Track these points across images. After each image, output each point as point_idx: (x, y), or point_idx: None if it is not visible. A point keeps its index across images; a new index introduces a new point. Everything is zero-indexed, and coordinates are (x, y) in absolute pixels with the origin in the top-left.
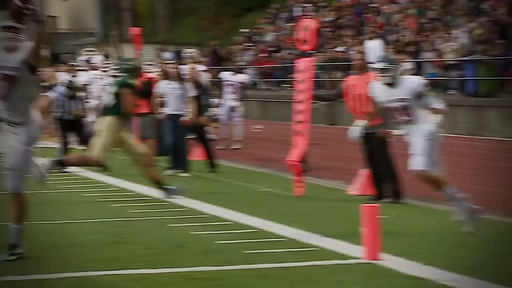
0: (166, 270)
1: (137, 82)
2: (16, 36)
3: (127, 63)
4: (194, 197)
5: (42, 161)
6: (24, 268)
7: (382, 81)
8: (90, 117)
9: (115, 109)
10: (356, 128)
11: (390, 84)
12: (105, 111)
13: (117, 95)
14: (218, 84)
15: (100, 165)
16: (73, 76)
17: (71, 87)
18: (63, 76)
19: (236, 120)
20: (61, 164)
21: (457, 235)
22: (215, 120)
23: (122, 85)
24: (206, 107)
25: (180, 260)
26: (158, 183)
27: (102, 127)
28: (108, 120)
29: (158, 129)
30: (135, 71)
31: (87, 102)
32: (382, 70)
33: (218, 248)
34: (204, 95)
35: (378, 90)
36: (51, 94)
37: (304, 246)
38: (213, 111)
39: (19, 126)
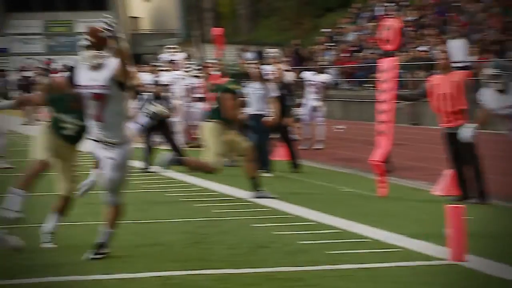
0: (248, 270)
1: (238, 87)
2: (99, 54)
3: (233, 68)
4: (280, 198)
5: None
6: (108, 267)
7: (494, 87)
8: (174, 118)
9: (216, 114)
10: (468, 129)
11: (501, 91)
12: (208, 115)
13: (219, 100)
14: (300, 84)
15: (215, 172)
16: (156, 76)
17: (156, 87)
18: (145, 77)
19: (318, 120)
20: (178, 162)
21: None
22: (297, 120)
23: (223, 90)
24: (290, 107)
25: (262, 260)
26: (254, 182)
27: (205, 134)
28: (210, 125)
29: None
30: (239, 76)
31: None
32: (493, 76)
33: (300, 249)
34: (289, 96)
35: (489, 96)
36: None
37: (388, 247)
38: (296, 111)
39: (115, 146)
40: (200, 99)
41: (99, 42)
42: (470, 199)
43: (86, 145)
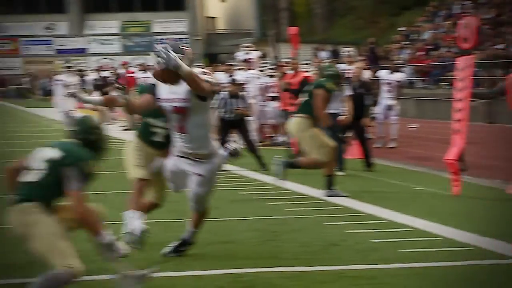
0: (320, 268)
1: (333, 86)
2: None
3: (330, 69)
4: (353, 196)
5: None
6: (180, 264)
7: None
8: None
9: (306, 108)
10: None
11: None
12: (297, 110)
13: (311, 95)
14: (375, 83)
15: (327, 165)
16: (231, 75)
17: (232, 86)
18: (220, 76)
19: (393, 119)
20: (291, 165)
21: None
22: (372, 119)
23: (318, 85)
24: (369, 106)
25: (334, 258)
26: (329, 180)
27: (295, 130)
28: (298, 121)
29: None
30: (336, 77)
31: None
32: None
33: (372, 247)
34: (367, 94)
35: None
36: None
37: (460, 245)
38: (372, 110)
39: (202, 160)
40: (274, 98)
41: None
42: None
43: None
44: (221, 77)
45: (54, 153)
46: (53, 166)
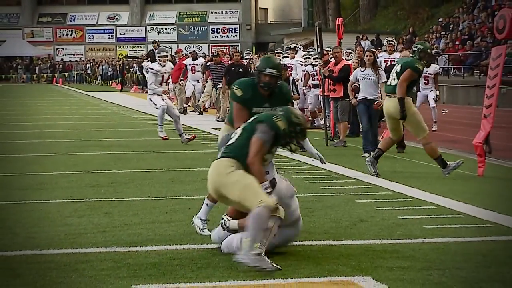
0: (348, 242)
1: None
2: None
3: (419, 46)
4: (382, 175)
5: None
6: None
7: None
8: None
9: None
10: None
11: None
12: (387, 89)
13: (399, 75)
14: None
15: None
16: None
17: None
18: None
19: (431, 104)
20: (377, 157)
21: None
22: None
23: (407, 65)
24: (414, 92)
25: (362, 233)
26: (439, 161)
27: (395, 112)
28: (391, 101)
29: (351, 112)
30: (424, 54)
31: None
32: None
33: (398, 223)
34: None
35: None
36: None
37: (481, 222)
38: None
39: None
40: (316, 85)
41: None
42: None
43: None
44: None
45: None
46: (249, 129)
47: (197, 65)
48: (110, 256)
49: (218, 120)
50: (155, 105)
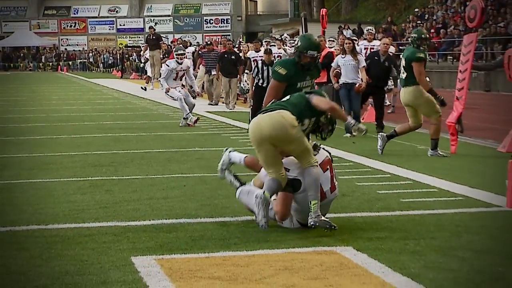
0: (332, 215)
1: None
2: None
3: (414, 34)
4: (362, 154)
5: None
6: (212, 212)
7: None
8: None
9: (409, 80)
10: None
11: None
12: (400, 82)
13: (406, 68)
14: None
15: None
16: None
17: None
18: (254, 53)
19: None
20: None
21: None
22: (389, 90)
23: (409, 59)
24: (395, 77)
25: (344, 207)
26: (433, 142)
27: (413, 100)
28: (410, 90)
29: (334, 96)
30: (419, 40)
31: None
32: None
33: (378, 197)
34: (392, 67)
35: None
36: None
37: (453, 196)
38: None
39: None
40: None
41: None
42: None
43: None
44: (254, 54)
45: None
46: (302, 95)
47: (188, 53)
48: (111, 230)
49: (211, 104)
50: (172, 97)
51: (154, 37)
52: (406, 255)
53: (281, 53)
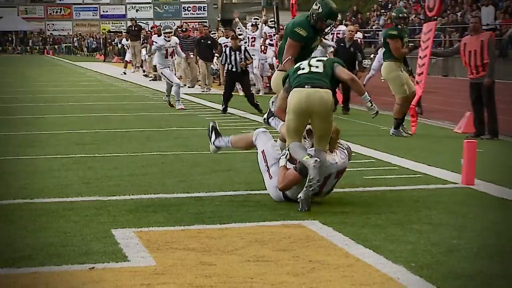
0: None
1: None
2: None
3: (395, 14)
4: None
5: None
6: (188, 188)
7: None
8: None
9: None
10: None
11: None
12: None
13: (384, 45)
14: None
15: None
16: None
17: (233, 40)
18: (225, 39)
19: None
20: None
21: None
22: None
23: (385, 36)
24: (360, 62)
25: None
26: (396, 122)
27: (385, 74)
28: (385, 65)
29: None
30: (402, 21)
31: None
32: None
33: (343, 174)
34: (358, 52)
35: None
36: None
37: (412, 173)
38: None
39: None
40: (271, 45)
41: None
42: (484, 135)
43: None
44: (224, 39)
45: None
46: (328, 65)
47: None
48: (93, 204)
49: (189, 87)
50: (169, 80)
51: (135, 28)
52: (368, 228)
53: (255, 35)
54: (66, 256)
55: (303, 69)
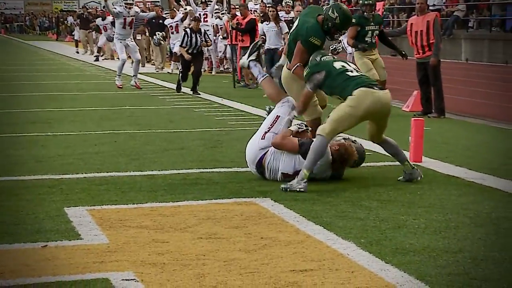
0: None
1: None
2: None
3: (361, 2)
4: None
5: None
6: (141, 165)
7: None
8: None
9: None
10: None
11: None
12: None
13: None
14: None
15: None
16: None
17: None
18: (179, 16)
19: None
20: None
21: (486, 142)
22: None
23: None
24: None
25: None
26: None
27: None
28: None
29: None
30: (368, 9)
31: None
32: None
33: None
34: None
35: None
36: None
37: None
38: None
39: None
40: (224, 37)
41: None
42: (431, 113)
43: None
44: (170, 20)
45: None
46: None
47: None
48: (46, 182)
49: (142, 66)
50: (118, 53)
51: (85, 17)
52: (319, 205)
53: (207, 12)
54: (18, 235)
55: (350, 71)
